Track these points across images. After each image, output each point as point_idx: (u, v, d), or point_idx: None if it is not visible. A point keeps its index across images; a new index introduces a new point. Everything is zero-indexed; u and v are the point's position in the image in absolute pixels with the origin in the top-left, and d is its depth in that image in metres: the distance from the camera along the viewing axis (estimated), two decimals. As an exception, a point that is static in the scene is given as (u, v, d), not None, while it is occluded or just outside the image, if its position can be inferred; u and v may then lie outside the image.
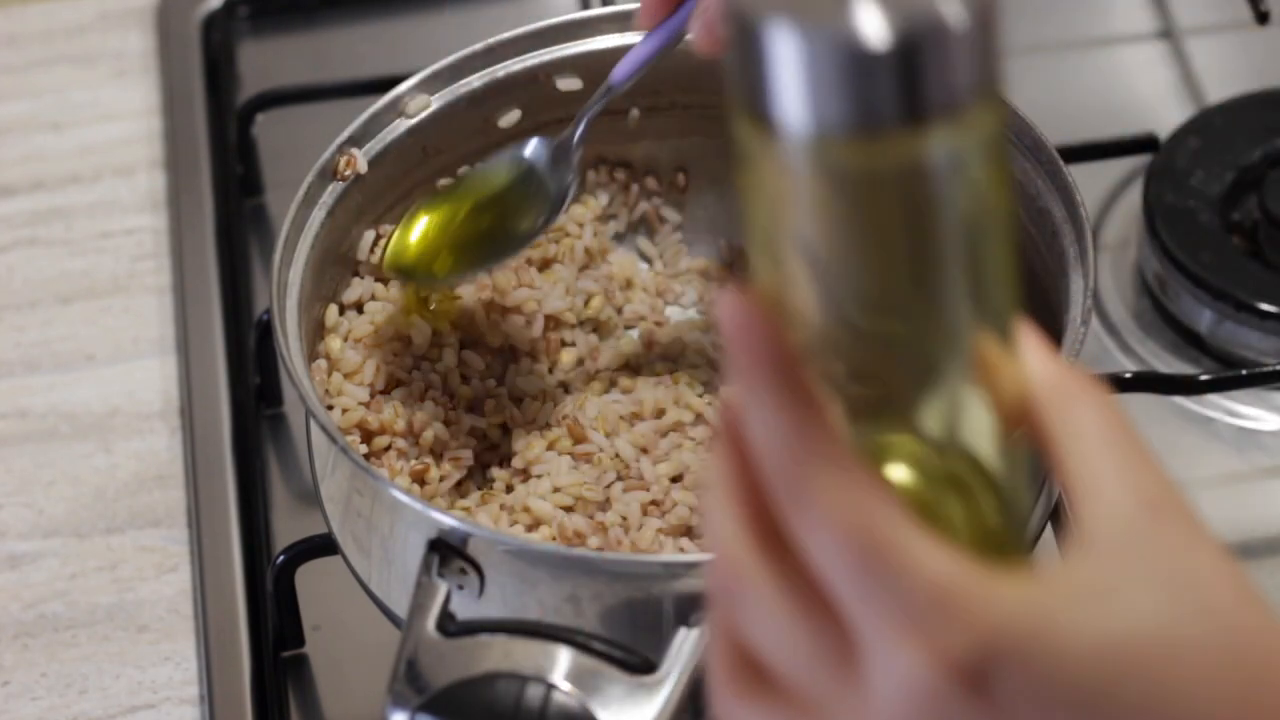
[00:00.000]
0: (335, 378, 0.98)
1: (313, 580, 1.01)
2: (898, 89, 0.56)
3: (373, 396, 0.98)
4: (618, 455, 0.99)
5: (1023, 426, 0.62)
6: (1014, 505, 0.64)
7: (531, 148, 1.01)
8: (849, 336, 0.60)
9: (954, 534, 0.61)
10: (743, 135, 0.58)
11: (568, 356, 1.04)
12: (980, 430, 0.62)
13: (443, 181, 1.04)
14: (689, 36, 0.94)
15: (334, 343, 0.99)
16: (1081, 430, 0.61)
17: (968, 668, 0.57)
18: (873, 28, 0.55)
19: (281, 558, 1.00)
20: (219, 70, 1.29)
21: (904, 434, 0.62)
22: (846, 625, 0.58)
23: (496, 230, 1.01)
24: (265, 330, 1.10)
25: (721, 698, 0.62)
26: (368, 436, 0.97)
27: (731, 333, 0.58)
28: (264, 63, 1.30)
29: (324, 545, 0.98)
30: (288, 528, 1.05)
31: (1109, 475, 0.60)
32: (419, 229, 1.01)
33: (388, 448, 0.97)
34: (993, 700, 0.57)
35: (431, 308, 1.02)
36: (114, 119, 1.28)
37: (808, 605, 0.59)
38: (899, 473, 0.62)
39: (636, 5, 1.03)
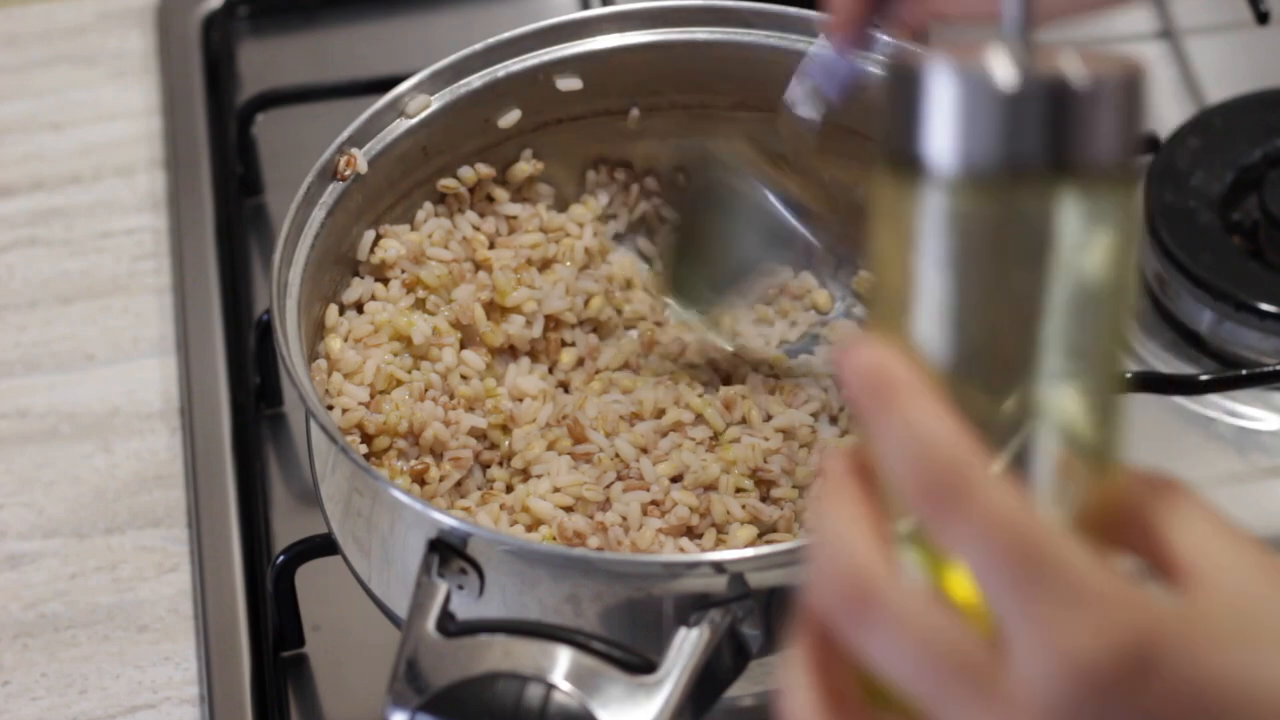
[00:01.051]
0: (335, 378, 0.98)
1: (313, 580, 1.01)
2: (1043, 133, 0.59)
3: (373, 396, 0.98)
4: (618, 455, 0.99)
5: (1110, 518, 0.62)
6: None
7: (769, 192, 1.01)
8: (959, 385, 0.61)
9: None
10: (884, 184, 0.61)
11: (568, 356, 1.04)
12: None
13: (444, 182, 1.04)
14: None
15: (334, 343, 0.99)
16: (1193, 517, 0.61)
17: (1135, 650, 0.57)
18: (1016, 71, 0.59)
19: (281, 558, 1.00)
20: (219, 70, 1.29)
21: None
22: (991, 630, 0.58)
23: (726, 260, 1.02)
24: (265, 330, 1.10)
25: None
26: (368, 437, 0.97)
27: (863, 376, 0.59)
28: (264, 63, 1.30)
29: (324, 545, 0.98)
30: (288, 528, 1.05)
31: (1226, 550, 0.61)
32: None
33: (388, 448, 0.97)
34: (1147, 692, 0.57)
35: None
36: (114, 119, 1.28)
37: (941, 616, 0.58)
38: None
39: (636, 5, 1.03)
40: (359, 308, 1.02)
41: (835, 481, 0.60)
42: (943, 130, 0.60)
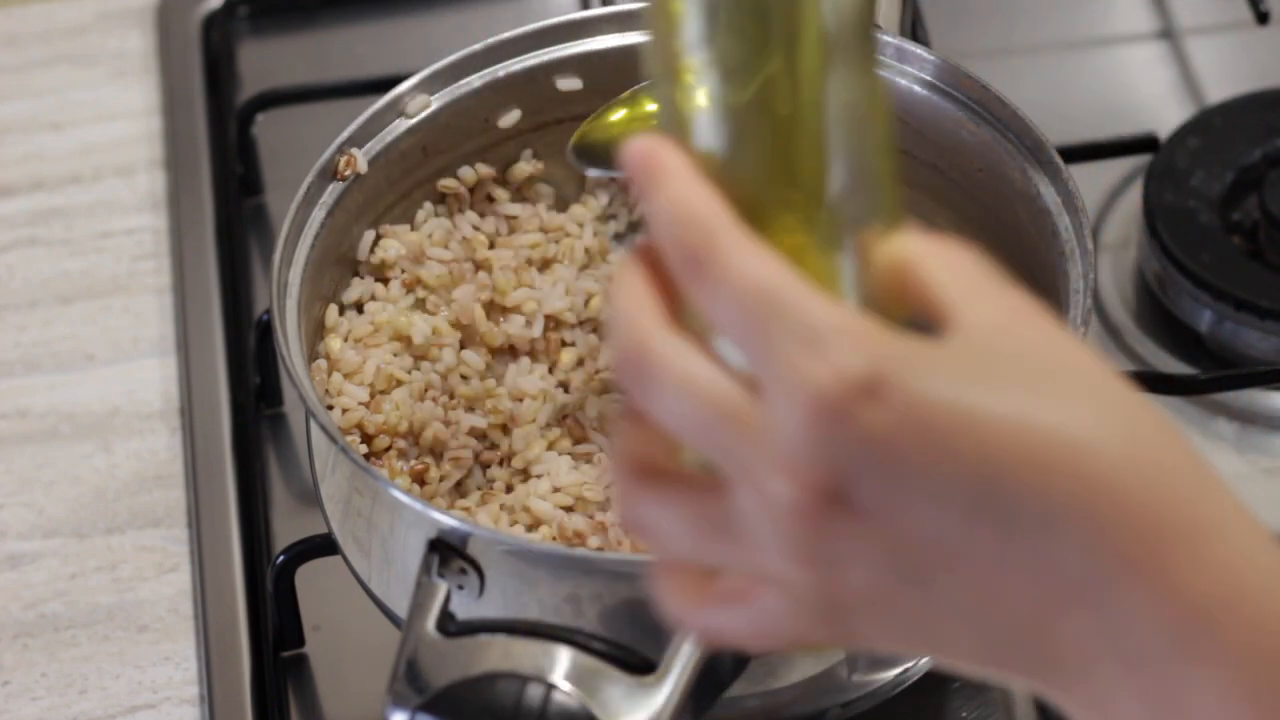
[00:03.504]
0: (335, 378, 0.98)
1: (313, 580, 1.01)
2: None
3: (373, 396, 0.98)
4: (618, 455, 0.99)
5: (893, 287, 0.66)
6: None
7: None
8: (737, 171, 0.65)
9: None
10: None
11: (568, 356, 1.04)
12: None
13: (444, 182, 1.04)
14: None
15: (334, 343, 0.99)
16: (947, 264, 0.65)
17: (864, 379, 0.60)
18: None
19: (281, 558, 1.00)
20: (219, 70, 1.29)
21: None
22: (752, 381, 0.62)
23: None
24: (265, 330, 1.10)
25: (627, 493, 0.66)
26: (368, 437, 0.97)
27: (636, 160, 0.64)
28: (264, 63, 1.30)
29: (324, 545, 0.98)
30: (288, 528, 1.05)
31: (984, 297, 0.64)
32: (618, 115, 1.01)
33: (388, 448, 0.97)
34: (875, 418, 0.60)
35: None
36: (114, 119, 1.28)
37: (710, 371, 0.63)
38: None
39: (636, 5, 1.03)
40: (359, 308, 1.02)
41: (627, 267, 0.65)
42: None
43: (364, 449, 0.96)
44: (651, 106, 0.99)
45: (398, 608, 0.90)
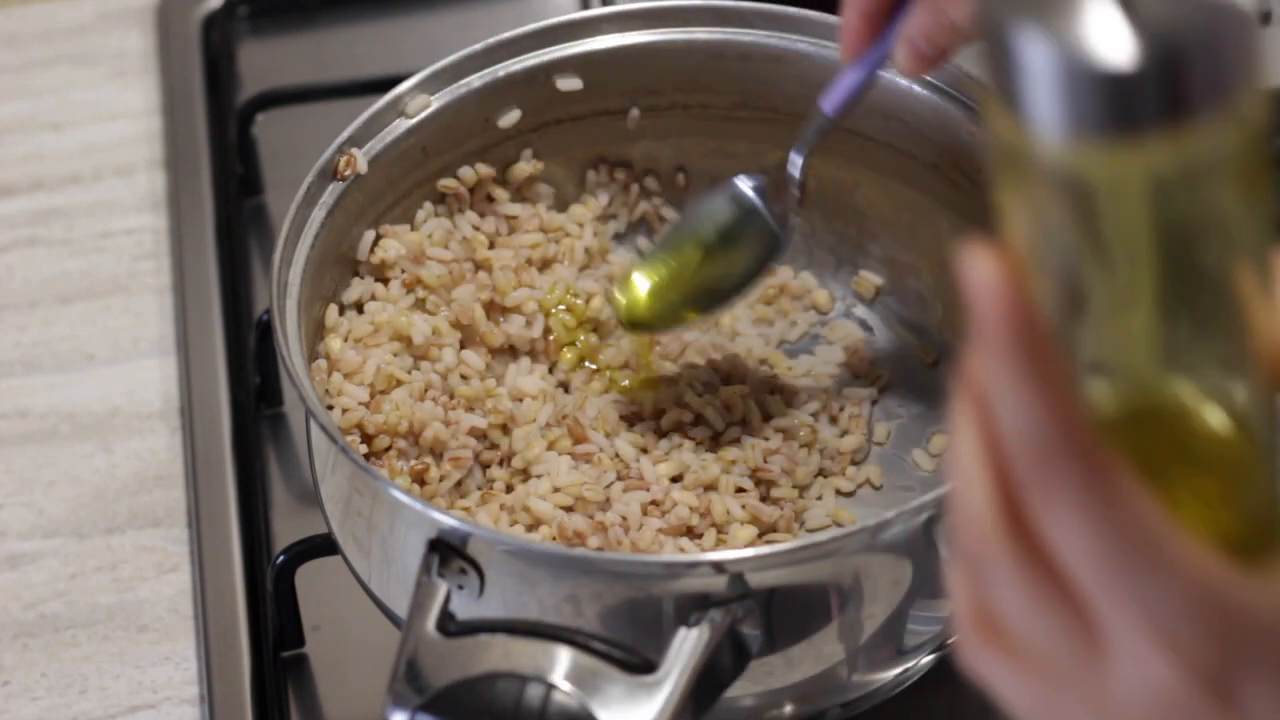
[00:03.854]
0: (335, 378, 0.98)
1: (313, 580, 1.01)
2: (1147, 99, 0.56)
3: (373, 396, 0.98)
4: (618, 455, 0.99)
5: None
6: (1272, 470, 0.62)
7: (748, 186, 1.01)
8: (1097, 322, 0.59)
9: (1206, 512, 0.59)
10: (996, 122, 0.58)
11: (568, 356, 1.04)
12: (1237, 403, 0.60)
13: (444, 182, 1.04)
14: (893, 59, 0.93)
15: (334, 343, 0.99)
16: None
17: (1218, 681, 0.56)
18: (1119, 40, 0.55)
19: (281, 558, 1.00)
20: (219, 70, 1.29)
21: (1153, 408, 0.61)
22: (1091, 616, 0.57)
23: (725, 274, 1.01)
24: (265, 330, 1.10)
25: (968, 642, 0.61)
26: (368, 437, 0.97)
27: (981, 296, 0.55)
28: (264, 63, 1.30)
29: (324, 545, 0.98)
30: (288, 528, 1.05)
31: None
32: (648, 282, 1.01)
33: (388, 448, 0.97)
34: (1240, 708, 0.56)
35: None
36: (114, 119, 1.28)
37: (1051, 590, 0.57)
38: (1146, 444, 0.60)
39: (636, 5, 1.03)
40: (359, 308, 1.02)
41: (962, 426, 0.59)
42: (1041, 97, 0.56)
43: (364, 449, 0.96)
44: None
45: (398, 608, 0.90)
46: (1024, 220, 0.58)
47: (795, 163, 0.99)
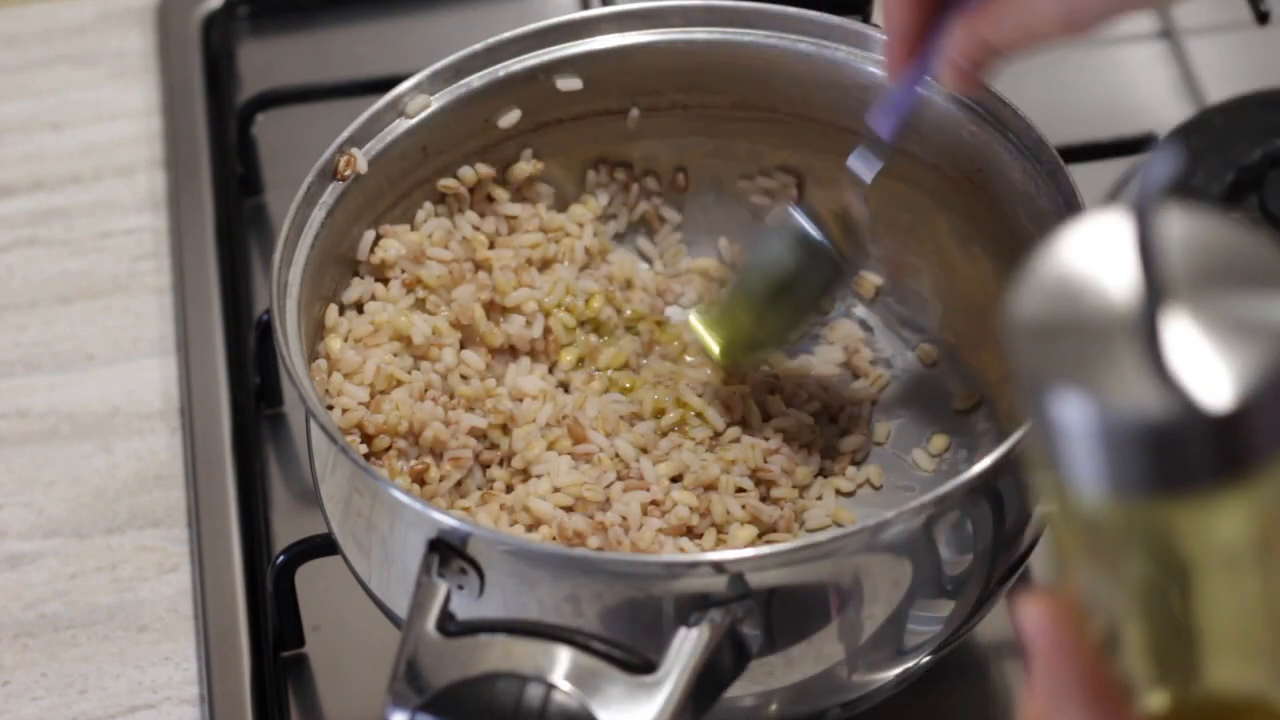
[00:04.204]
0: (335, 378, 0.98)
1: (313, 580, 1.01)
2: (1197, 458, 0.55)
3: (373, 396, 0.98)
4: (618, 455, 0.99)
5: None
6: None
7: (801, 218, 1.00)
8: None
9: None
10: (1043, 476, 0.58)
11: (568, 356, 1.04)
12: None
13: (444, 182, 1.04)
14: (937, 78, 0.92)
15: (334, 343, 0.99)
16: None
17: None
18: (1172, 395, 0.54)
19: (281, 558, 1.00)
20: (219, 70, 1.29)
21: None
22: None
23: (797, 308, 1.02)
24: (265, 330, 1.10)
25: None
26: (368, 437, 0.97)
27: (1038, 644, 0.60)
28: (264, 63, 1.30)
29: (324, 545, 0.98)
30: (288, 528, 1.05)
31: None
32: (726, 331, 1.02)
33: (388, 448, 0.97)
34: None
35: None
36: (114, 119, 1.28)
37: None
38: None
39: (636, 5, 1.03)
40: (359, 308, 1.02)
41: None
42: (1086, 459, 0.56)
43: (364, 449, 0.97)
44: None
45: (398, 608, 0.90)
46: (1079, 566, 0.59)
47: (860, 197, 0.98)
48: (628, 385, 1.03)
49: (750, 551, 0.88)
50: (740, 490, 0.98)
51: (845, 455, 1.02)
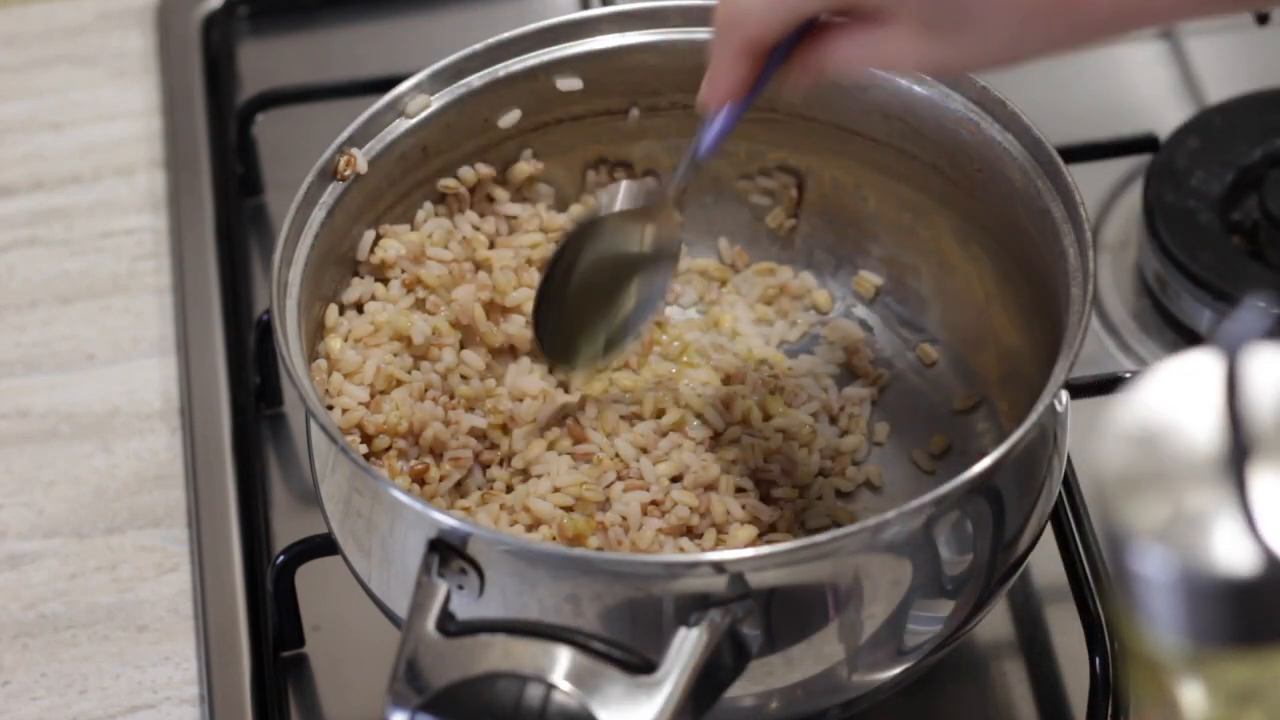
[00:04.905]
0: (335, 378, 0.98)
1: (313, 580, 1.01)
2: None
3: (373, 396, 0.98)
4: (618, 455, 0.99)
5: None
6: None
7: (607, 208, 0.98)
8: None
9: None
10: (1125, 618, 0.59)
11: (568, 356, 1.04)
12: None
13: (444, 182, 1.04)
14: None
15: (334, 343, 0.99)
16: None
17: None
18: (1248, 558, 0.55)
19: (281, 558, 1.00)
20: (219, 70, 1.29)
21: None
22: None
23: (630, 305, 1.00)
24: (265, 330, 1.10)
25: None
26: (368, 437, 0.97)
27: None
28: (264, 63, 1.30)
29: (324, 545, 0.98)
30: (288, 528, 1.05)
31: None
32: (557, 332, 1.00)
33: (388, 448, 0.97)
34: None
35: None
36: (114, 119, 1.28)
37: None
38: None
39: (636, 5, 1.03)
40: (359, 308, 1.02)
41: None
42: (1169, 609, 0.57)
43: (364, 449, 0.97)
44: None
45: (398, 608, 0.90)
46: (1158, 707, 0.60)
47: (669, 188, 0.97)
48: (628, 385, 1.03)
49: (750, 551, 0.88)
50: (740, 490, 0.98)
51: (845, 455, 1.02)
